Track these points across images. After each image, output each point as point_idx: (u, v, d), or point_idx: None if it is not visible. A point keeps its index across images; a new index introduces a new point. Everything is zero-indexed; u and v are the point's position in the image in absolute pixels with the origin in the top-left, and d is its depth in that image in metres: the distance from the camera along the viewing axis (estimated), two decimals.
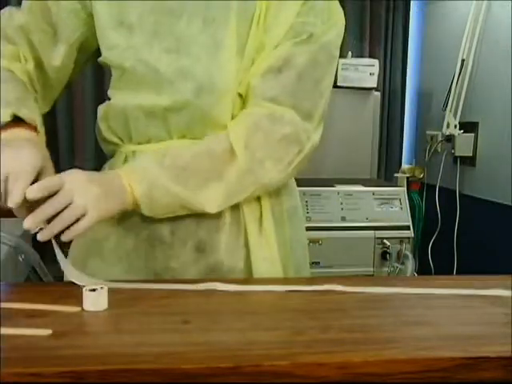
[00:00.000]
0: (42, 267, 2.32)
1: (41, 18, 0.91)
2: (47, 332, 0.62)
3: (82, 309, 0.70)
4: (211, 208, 0.86)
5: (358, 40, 2.98)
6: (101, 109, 0.94)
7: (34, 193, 0.71)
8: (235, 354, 0.58)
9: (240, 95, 0.90)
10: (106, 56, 0.89)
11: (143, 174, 0.82)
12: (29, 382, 0.53)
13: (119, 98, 0.91)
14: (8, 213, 0.79)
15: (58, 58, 0.92)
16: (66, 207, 0.73)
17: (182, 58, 0.87)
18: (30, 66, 0.91)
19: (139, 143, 0.92)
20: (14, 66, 0.89)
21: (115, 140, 0.94)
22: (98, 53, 0.94)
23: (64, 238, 0.75)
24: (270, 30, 0.89)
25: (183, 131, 0.90)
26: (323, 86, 0.92)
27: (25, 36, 0.91)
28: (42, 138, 0.83)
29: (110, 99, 0.93)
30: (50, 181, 0.74)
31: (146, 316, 0.69)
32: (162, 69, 0.86)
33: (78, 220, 0.74)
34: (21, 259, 2.25)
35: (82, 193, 0.74)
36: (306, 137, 0.90)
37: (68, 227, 0.74)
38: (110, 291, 0.72)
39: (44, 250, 3.07)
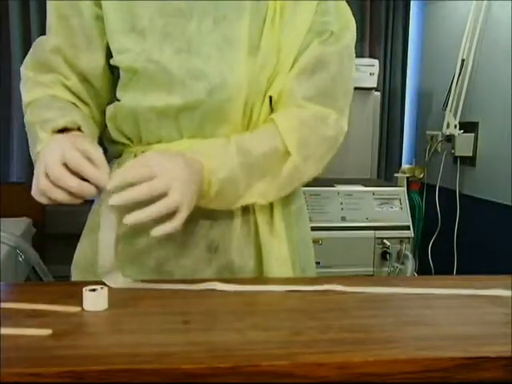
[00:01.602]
0: (42, 267, 2.32)
1: (69, 34, 0.90)
2: (47, 332, 0.62)
3: (82, 309, 0.70)
4: (262, 201, 0.89)
5: (358, 40, 2.98)
6: (109, 109, 0.93)
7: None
8: (235, 354, 0.58)
9: (270, 98, 0.91)
10: (117, 60, 0.89)
11: (223, 166, 0.83)
12: (29, 381, 0.53)
13: (129, 98, 0.90)
14: (8, 213, 0.79)
15: (100, 65, 0.92)
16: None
17: (193, 58, 0.87)
18: (73, 81, 0.92)
19: (149, 143, 0.92)
20: (56, 90, 0.91)
21: (123, 140, 0.94)
22: None
23: (155, 233, 0.74)
24: (287, 28, 0.90)
25: (194, 131, 0.90)
26: (350, 84, 0.97)
27: (61, 55, 0.91)
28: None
29: (118, 100, 0.92)
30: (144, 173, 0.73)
31: (146, 316, 0.69)
32: (174, 70, 0.86)
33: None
34: (21, 259, 2.25)
35: (178, 189, 0.74)
36: (342, 138, 0.95)
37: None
38: (110, 291, 0.72)
39: (44, 249, 3.07)
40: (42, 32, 0.94)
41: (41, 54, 0.92)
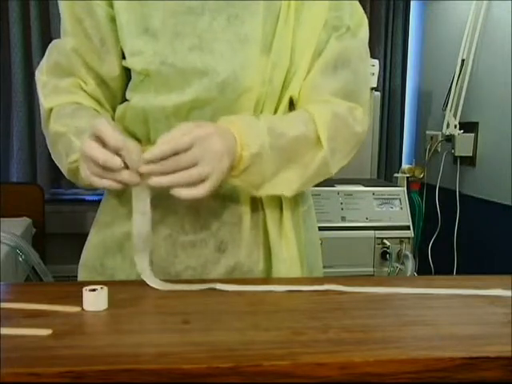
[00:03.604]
0: (41, 267, 2.33)
1: (84, 37, 0.90)
2: (47, 332, 0.62)
3: (82, 309, 0.70)
4: (288, 192, 0.87)
5: None
6: (118, 109, 0.93)
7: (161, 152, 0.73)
8: (235, 354, 0.58)
9: (291, 99, 0.91)
10: (129, 62, 0.89)
11: (254, 142, 0.82)
12: (29, 381, 0.53)
13: (139, 98, 0.90)
14: (8, 213, 0.78)
15: (116, 67, 0.92)
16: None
17: (205, 54, 0.86)
18: (92, 86, 0.92)
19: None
20: (78, 95, 0.91)
21: None
22: None
23: (177, 192, 0.75)
24: (301, 27, 0.90)
25: None
26: (369, 79, 0.97)
27: (79, 57, 0.91)
28: None
29: (127, 100, 0.92)
30: (179, 144, 0.73)
31: (146, 316, 0.69)
32: (187, 67, 0.86)
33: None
34: (21, 259, 2.26)
35: (211, 163, 0.74)
36: (365, 135, 0.94)
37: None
38: (110, 291, 0.72)
39: (44, 249, 3.07)
40: (42, 32, 0.93)
41: (60, 56, 0.91)
